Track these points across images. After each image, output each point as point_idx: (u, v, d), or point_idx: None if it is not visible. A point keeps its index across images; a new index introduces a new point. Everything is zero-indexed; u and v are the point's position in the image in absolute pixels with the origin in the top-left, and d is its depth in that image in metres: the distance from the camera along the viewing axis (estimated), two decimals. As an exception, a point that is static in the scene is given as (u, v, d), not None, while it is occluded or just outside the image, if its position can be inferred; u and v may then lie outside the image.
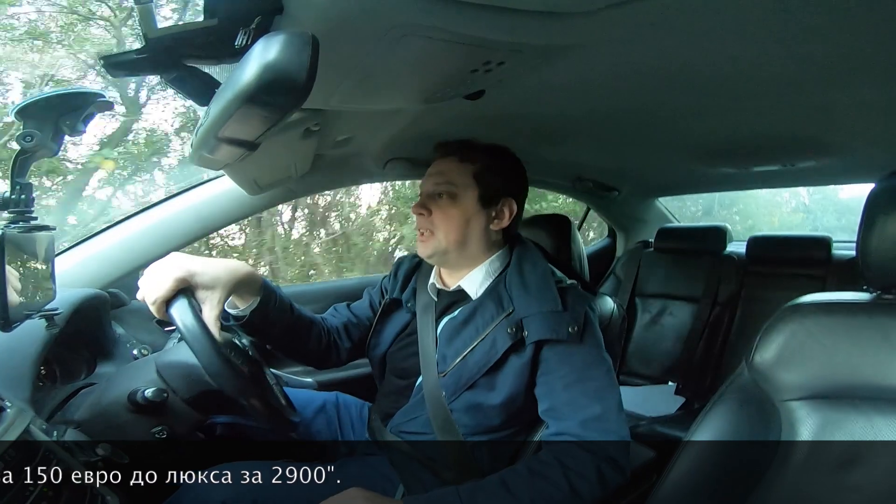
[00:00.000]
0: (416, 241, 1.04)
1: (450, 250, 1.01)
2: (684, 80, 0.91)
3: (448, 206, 1.01)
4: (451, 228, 1.00)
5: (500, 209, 1.03)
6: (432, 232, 1.01)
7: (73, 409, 0.85)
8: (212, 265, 0.85)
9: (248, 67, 0.49)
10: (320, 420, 1.15)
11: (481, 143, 1.05)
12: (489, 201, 1.02)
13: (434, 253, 1.02)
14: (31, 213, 0.76)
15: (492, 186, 1.02)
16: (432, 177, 1.04)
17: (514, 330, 0.93)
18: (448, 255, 1.02)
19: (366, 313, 1.18)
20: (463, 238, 1.01)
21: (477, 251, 1.03)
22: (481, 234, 1.02)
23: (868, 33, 0.70)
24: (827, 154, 1.50)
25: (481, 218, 1.02)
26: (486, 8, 0.58)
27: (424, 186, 1.05)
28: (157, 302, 0.79)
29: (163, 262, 0.82)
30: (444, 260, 1.04)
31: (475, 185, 1.01)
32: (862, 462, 0.73)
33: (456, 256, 1.03)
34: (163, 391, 0.82)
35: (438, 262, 1.06)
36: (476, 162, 1.02)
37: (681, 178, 2.20)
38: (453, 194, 1.01)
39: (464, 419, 0.96)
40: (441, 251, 1.01)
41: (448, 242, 1.00)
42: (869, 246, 0.76)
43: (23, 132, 0.70)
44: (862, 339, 0.75)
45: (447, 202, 1.01)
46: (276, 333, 1.02)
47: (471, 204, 1.01)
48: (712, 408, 0.85)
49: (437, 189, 1.02)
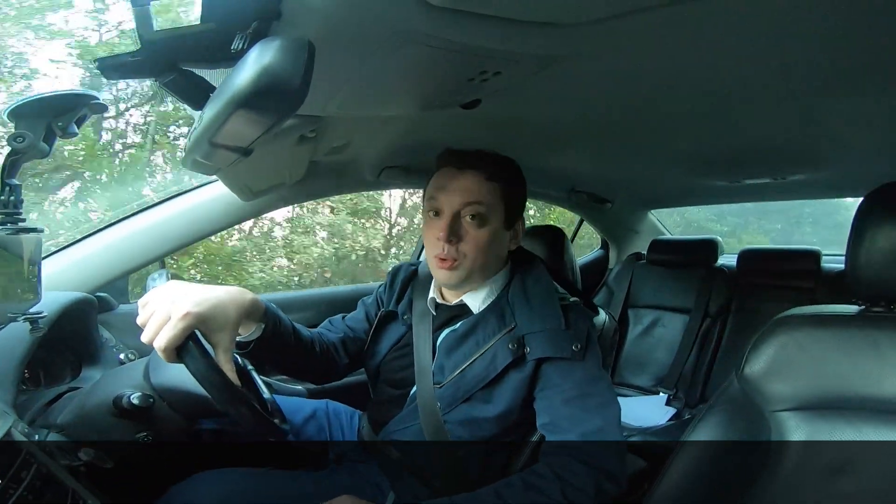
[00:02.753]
0: (434, 267, 0.97)
1: (474, 275, 0.97)
2: (678, 92, 0.92)
3: (476, 230, 0.94)
4: (481, 254, 0.94)
5: (516, 230, 1.01)
6: (457, 259, 0.94)
7: (57, 413, 0.84)
8: (221, 305, 0.77)
9: (243, 72, 0.49)
10: (310, 427, 1.14)
11: (497, 156, 0.99)
12: (511, 222, 0.99)
13: (461, 281, 0.97)
14: (20, 214, 0.75)
15: (515, 207, 0.99)
16: (456, 194, 0.94)
17: (515, 346, 0.92)
18: (471, 279, 0.98)
19: (362, 326, 1.16)
20: (488, 262, 0.97)
21: (492, 272, 1.00)
22: (501, 255, 1.00)
23: (859, 47, 0.72)
24: (817, 167, 1.53)
25: (505, 240, 0.99)
26: (483, 17, 0.58)
27: (445, 203, 0.95)
28: (167, 350, 0.71)
29: (167, 302, 0.73)
30: (461, 284, 0.99)
31: (503, 207, 0.96)
32: (851, 471, 0.74)
33: (475, 280, 0.99)
34: (149, 397, 0.80)
35: (459, 288, 1.01)
36: (502, 180, 0.96)
37: (673, 191, 2.22)
38: (484, 217, 0.94)
39: (458, 431, 0.95)
40: (467, 278, 0.97)
41: (475, 268, 0.96)
42: (858, 259, 0.77)
43: (14, 133, 0.70)
44: (851, 350, 0.76)
45: (476, 225, 0.94)
46: (279, 357, 0.99)
47: (498, 226, 0.96)
48: (703, 418, 0.85)
49: (465, 210, 0.94)
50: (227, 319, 0.78)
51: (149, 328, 0.72)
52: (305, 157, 1.15)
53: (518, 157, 1.04)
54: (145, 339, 0.73)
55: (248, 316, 0.85)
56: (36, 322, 0.79)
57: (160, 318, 0.71)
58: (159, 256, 1.30)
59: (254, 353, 0.92)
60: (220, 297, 0.78)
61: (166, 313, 0.71)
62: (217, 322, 0.76)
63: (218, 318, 0.76)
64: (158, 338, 0.71)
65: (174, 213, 1.30)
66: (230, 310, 0.79)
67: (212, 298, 0.76)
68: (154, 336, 0.71)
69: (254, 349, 0.91)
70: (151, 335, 0.72)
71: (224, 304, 0.78)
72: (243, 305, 0.82)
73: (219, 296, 0.78)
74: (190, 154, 0.78)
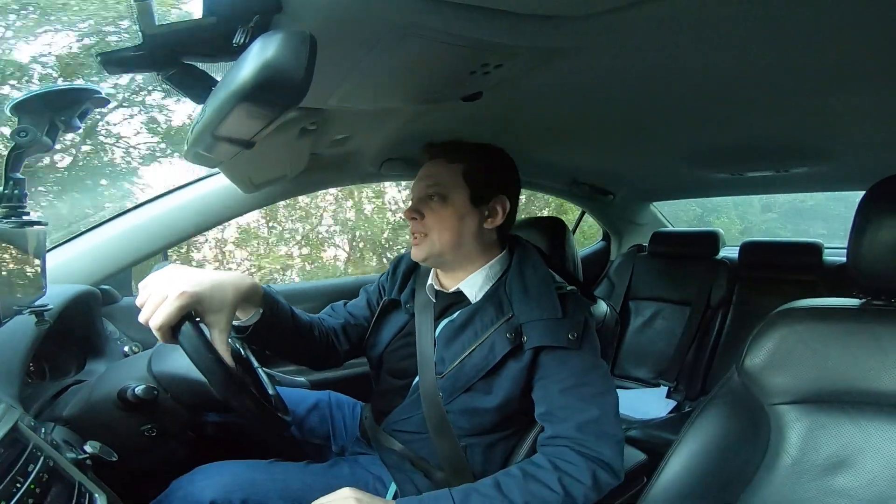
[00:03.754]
0: (411, 246, 1.04)
1: (445, 252, 1.01)
2: (679, 85, 0.92)
3: (440, 208, 1.00)
4: (444, 229, 0.99)
5: (492, 207, 1.02)
6: (425, 234, 1.01)
7: (62, 406, 0.85)
8: (218, 286, 0.79)
9: (245, 65, 0.49)
10: (313, 419, 1.15)
11: (469, 143, 1.04)
12: (480, 200, 1.01)
13: (429, 255, 1.01)
14: (24, 208, 0.76)
15: (482, 185, 1.01)
16: (422, 180, 1.03)
17: (513, 335, 0.93)
18: (443, 256, 1.01)
19: (363, 313, 1.17)
20: (457, 239, 1.00)
21: (473, 252, 1.02)
22: (475, 233, 1.01)
23: (860, 41, 0.71)
24: (820, 160, 1.52)
25: (474, 217, 1.01)
26: (485, 10, 0.58)
27: (415, 190, 1.05)
28: (162, 329, 0.73)
29: (165, 283, 0.74)
30: (439, 262, 1.04)
31: (465, 185, 1.00)
32: (850, 466, 0.74)
33: (452, 258, 1.02)
34: (153, 389, 0.81)
35: (434, 264, 1.06)
36: (464, 161, 1.01)
37: (675, 183, 2.22)
38: (444, 195, 1.00)
39: (459, 421, 0.96)
40: (436, 253, 1.01)
41: (442, 244, 1.00)
42: (860, 252, 0.76)
43: (18, 127, 0.70)
44: (852, 344, 0.76)
45: (438, 204, 1.00)
46: (277, 342, 1.01)
47: (462, 204, 1.00)
48: (703, 411, 0.86)
49: (427, 192, 1.01)
50: (225, 301, 0.79)
51: (146, 308, 0.74)
52: (307, 149, 1.15)
53: (519, 148, 1.04)
54: (142, 319, 0.74)
55: (246, 300, 0.86)
56: (41, 315, 0.79)
57: (157, 297, 0.73)
58: (161, 249, 1.30)
59: (252, 337, 0.94)
60: (218, 279, 0.79)
61: (163, 293, 0.73)
62: (214, 303, 0.78)
63: (215, 299, 0.78)
64: (154, 316, 0.73)
65: (176, 206, 1.31)
66: (228, 292, 0.80)
67: (209, 280, 0.78)
68: (150, 315, 0.73)
69: (252, 333, 0.93)
70: (148, 314, 0.73)
71: (222, 285, 0.79)
72: (241, 289, 0.83)
73: (217, 278, 0.79)
74: (192, 147, 0.78)
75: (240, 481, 0.90)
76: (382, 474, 1.00)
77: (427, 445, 0.99)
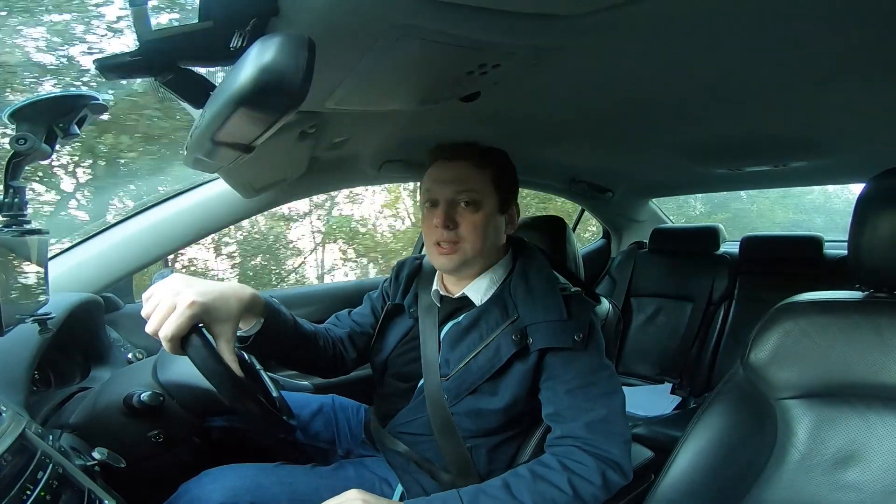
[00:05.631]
0: (434, 255, 0.99)
1: (475, 260, 0.99)
2: (676, 82, 0.92)
3: (472, 215, 0.96)
4: (478, 238, 0.96)
5: (510, 214, 1.02)
6: (457, 244, 0.96)
7: (69, 414, 0.85)
8: (224, 297, 0.79)
9: (243, 70, 0.49)
10: (317, 422, 1.15)
11: (487, 146, 1.02)
12: (504, 207, 1.00)
13: (461, 265, 0.98)
14: (25, 216, 0.75)
15: (506, 191, 1.00)
16: (450, 184, 0.97)
17: (518, 337, 0.92)
18: (470, 265, 0.99)
19: (368, 320, 1.16)
20: (486, 247, 0.98)
21: (492, 259, 1.01)
22: (498, 241, 1.01)
23: (857, 35, 0.71)
24: (818, 154, 1.52)
25: (500, 225, 1.00)
26: (482, 10, 0.58)
27: (439, 193, 0.98)
28: (172, 340, 0.72)
29: (172, 293, 0.74)
30: (462, 270, 1.00)
31: (495, 192, 0.98)
32: (858, 460, 0.74)
33: (476, 266, 1.00)
34: (159, 395, 0.81)
35: (458, 273, 1.02)
36: (493, 167, 0.99)
37: (674, 179, 2.22)
38: (477, 202, 0.96)
39: (464, 423, 0.96)
40: (468, 263, 0.98)
41: (475, 253, 0.97)
42: (861, 245, 0.76)
43: (16, 135, 0.70)
44: (856, 337, 0.76)
45: (471, 211, 0.96)
46: (279, 351, 1.00)
47: (492, 210, 0.98)
48: (708, 407, 0.86)
49: (459, 197, 0.96)
50: (230, 311, 0.80)
51: (154, 318, 0.73)
52: (306, 152, 1.15)
53: (518, 147, 1.04)
54: (150, 330, 0.74)
55: (248, 310, 0.86)
56: (45, 323, 0.79)
57: (165, 307, 0.73)
58: (162, 255, 1.30)
59: (254, 347, 0.93)
60: (222, 289, 0.79)
61: (171, 303, 0.73)
62: (220, 313, 0.78)
63: (221, 309, 0.78)
64: (164, 327, 0.72)
65: (175, 212, 1.31)
66: (232, 302, 0.80)
67: (215, 290, 0.78)
68: (159, 326, 0.73)
69: (254, 343, 0.92)
70: (157, 325, 0.73)
71: (226, 296, 0.79)
72: (244, 299, 0.83)
73: (221, 288, 0.79)
74: (192, 152, 0.78)
75: (247, 484, 0.90)
76: (388, 476, 1.00)
77: (432, 447, 0.99)
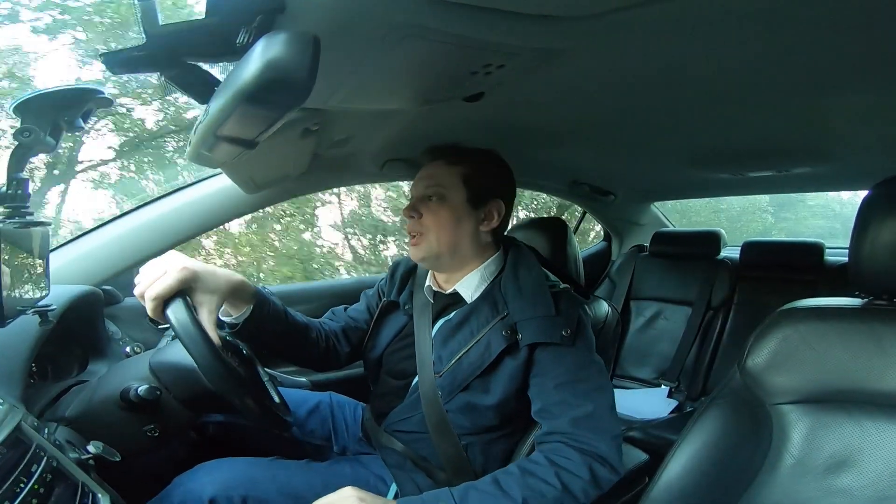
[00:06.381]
0: (409, 246, 1.05)
1: (442, 253, 1.02)
2: (680, 86, 0.92)
3: (437, 208, 1.01)
4: (442, 230, 1.01)
5: (488, 210, 1.04)
6: (423, 234, 1.02)
7: (65, 407, 0.85)
8: (213, 272, 0.85)
9: (249, 66, 0.49)
10: (314, 419, 1.15)
11: (469, 147, 1.06)
12: (477, 203, 1.02)
13: (426, 256, 1.02)
14: (27, 208, 0.76)
15: (479, 188, 1.03)
16: (422, 180, 1.04)
17: (508, 332, 0.93)
18: (441, 258, 1.03)
19: (363, 316, 1.19)
20: (454, 240, 1.01)
21: (469, 254, 1.04)
22: (472, 235, 1.03)
23: (860, 41, 0.71)
24: (821, 161, 1.52)
25: (471, 219, 1.02)
26: (487, 10, 0.58)
27: (414, 190, 1.06)
28: (157, 300, 0.77)
29: (164, 260, 0.80)
30: (436, 264, 1.05)
31: (463, 187, 1.02)
32: (852, 466, 0.74)
33: (448, 259, 1.03)
34: (156, 389, 0.81)
35: (431, 265, 1.07)
36: (463, 164, 1.03)
37: (676, 183, 2.21)
38: (442, 196, 1.01)
39: (459, 420, 0.97)
40: (433, 254, 1.02)
41: (440, 245, 1.01)
42: (862, 252, 0.76)
43: (21, 127, 0.70)
44: (854, 344, 0.76)
45: (436, 204, 1.01)
46: (269, 340, 1.02)
47: (459, 205, 1.01)
48: (704, 411, 0.86)
49: (426, 192, 1.03)
50: (217, 286, 0.85)
51: (143, 281, 0.79)
52: (309, 149, 1.15)
53: (520, 148, 1.04)
54: (137, 292, 0.79)
55: (235, 293, 0.91)
56: (45, 315, 0.79)
57: (156, 272, 0.78)
58: (164, 249, 1.30)
59: (243, 333, 0.96)
60: (214, 267, 0.86)
61: (163, 268, 0.78)
62: (207, 284, 0.84)
63: (208, 281, 0.84)
64: (152, 287, 0.77)
65: (177, 206, 1.31)
66: (221, 279, 0.86)
67: (206, 266, 0.85)
68: (146, 287, 0.77)
69: (242, 329, 0.95)
70: (144, 286, 0.78)
71: (216, 272, 0.86)
72: (232, 281, 0.89)
73: (211, 266, 0.86)
74: (196, 147, 0.78)
75: (241, 478, 0.90)
76: (384, 474, 1.00)
77: (428, 445, 1.00)
